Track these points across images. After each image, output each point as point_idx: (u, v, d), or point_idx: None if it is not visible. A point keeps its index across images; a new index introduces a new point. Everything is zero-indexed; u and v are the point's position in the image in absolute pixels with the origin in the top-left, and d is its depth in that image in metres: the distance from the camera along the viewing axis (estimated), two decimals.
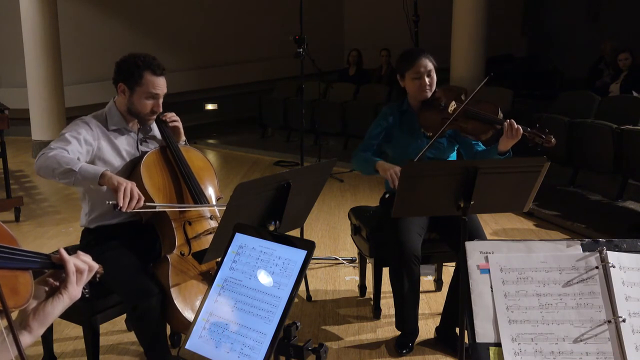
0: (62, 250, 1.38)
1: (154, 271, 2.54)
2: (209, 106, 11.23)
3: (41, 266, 1.35)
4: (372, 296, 3.52)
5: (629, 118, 5.63)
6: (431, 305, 3.63)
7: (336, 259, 4.38)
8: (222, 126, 10.38)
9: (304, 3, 4.54)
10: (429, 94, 3.12)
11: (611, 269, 1.51)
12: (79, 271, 1.38)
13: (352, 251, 4.33)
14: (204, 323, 1.49)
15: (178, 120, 2.85)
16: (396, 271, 3.01)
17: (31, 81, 7.98)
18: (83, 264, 1.39)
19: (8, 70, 9.42)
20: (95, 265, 1.43)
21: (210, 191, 2.79)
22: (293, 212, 2.34)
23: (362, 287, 3.75)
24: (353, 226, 3.61)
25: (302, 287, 3.73)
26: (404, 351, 3.08)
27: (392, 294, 3.11)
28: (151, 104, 2.65)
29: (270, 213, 2.23)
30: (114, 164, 2.65)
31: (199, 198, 2.65)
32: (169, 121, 2.81)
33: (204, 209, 2.71)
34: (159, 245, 2.66)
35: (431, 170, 2.48)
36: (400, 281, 2.96)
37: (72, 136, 2.55)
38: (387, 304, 3.50)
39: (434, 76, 3.13)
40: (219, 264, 1.56)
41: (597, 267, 1.53)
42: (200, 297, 2.43)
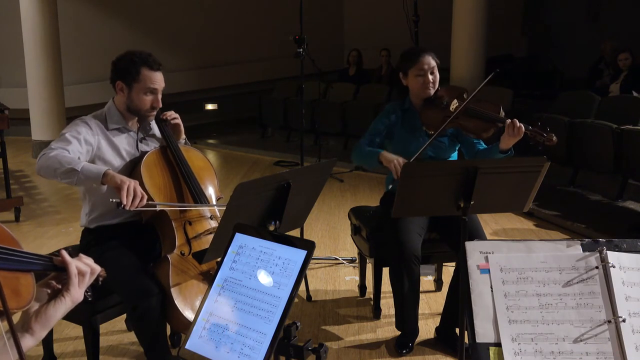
0: (64, 252, 1.38)
1: (155, 271, 2.54)
2: (209, 106, 11.22)
3: (43, 268, 1.35)
4: (372, 296, 3.52)
5: (629, 118, 5.63)
6: (431, 305, 3.63)
7: (336, 259, 4.38)
8: (222, 126, 10.38)
9: (304, 3, 4.54)
10: (432, 92, 3.12)
11: (611, 269, 1.51)
12: (81, 273, 1.38)
13: (352, 251, 4.33)
14: (204, 323, 1.49)
15: (178, 117, 2.85)
16: (396, 271, 3.01)
17: (31, 81, 7.98)
18: (85, 267, 1.39)
19: (8, 70, 9.41)
20: (97, 268, 1.43)
21: (210, 191, 2.79)
22: (293, 212, 2.34)
23: (362, 287, 3.75)
24: (353, 226, 3.61)
25: (302, 287, 3.73)
26: (404, 351, 3.08)
27: (392, 294, 3.11)
28: (150, 100, 2.66)
29: (270, 213, 2.23)
30: (114, 164, 2.65)
31: (199, 198, 2.66)
32: (170, 119, 2.82)
33: (204, 209, 2.71)
34: (159, 245, 2.67)
35: (431, 170, 2.48)
36: (400, 281, 2.96)
37: (73, 136, 2.55)
38: (387, 304, 3.50)
39: (437, 74, 3.13)
40: (219, 264, 1.56)
41: (597, 267, 1.53)
42: (200, 297, 2.43)
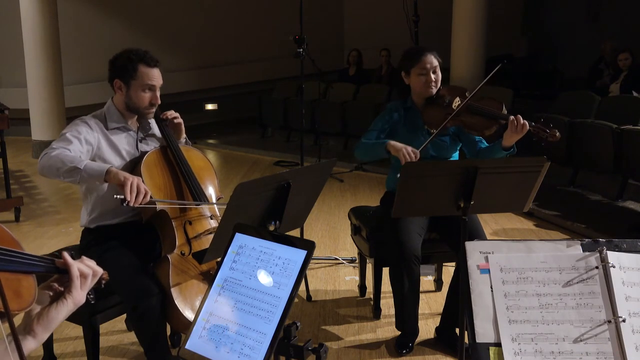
0: (66, 254, 1.37)
1: (155, 271, 2.54)
2: (209, 106, 11.22)
3: (45, 270, 1.34)
4: (372, 296, 3.52)
5: (629, 118, 5.63)
6: (431, 305, 3.63)
7: (336, 259, 4.38)
8: (222, 126, 10.38)
9: (304, 3, 4.54)
10: (434, 91, 3.12)
11: (611, 269, 1.51)
12: (83, 276, 1.38)
13: (352, 251, 4.33)
14: (204, 323, 1.49)
15: (179, 116, 2.86)
16: (396, 271, 3.01)
17: (31, 81, 7.97)
18: (87, 269, 1.39)
19: (8, 70, 9.41)
20: (99, 270, 1.43)
21: (210, 191, 2.79)
22: (293, 212, 2.34)
23: (362, 287, 3.75)
24: (353, 226, 3.61)
25: (302, 287, 3.73)
26: (404, 351, 3.08)
27: (392, 294, 3.10)
28: (149, 97, 2.66)
29: (270, 213, 2.23)
30: (114, 164, 2.65)
31: (199, 197, 2.66)
32: (171, 118, 2.82)
33: (204, 209, 2.71)
34: (159, 245, 2.67)
35: (431, 170, 2.48)
36: (400, 281, 2.96)
37: (73, 136, 2.55)
38: (387, 304, 3.50)
39: (439, 73, 3.13)
40: (219, 264, 1.56)
41: (597, 267, 1.53)
42: (200, 297, 2.43)
